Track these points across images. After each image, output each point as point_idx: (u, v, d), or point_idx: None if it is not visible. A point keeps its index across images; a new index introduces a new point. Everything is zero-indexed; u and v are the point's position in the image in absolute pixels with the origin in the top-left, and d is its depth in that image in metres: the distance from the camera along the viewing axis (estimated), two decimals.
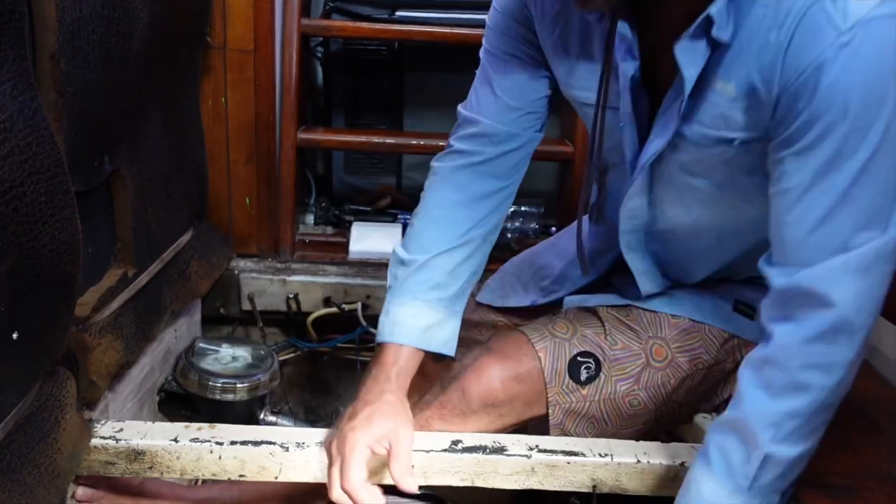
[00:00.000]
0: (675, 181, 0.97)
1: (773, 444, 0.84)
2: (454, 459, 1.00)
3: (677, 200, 1.00)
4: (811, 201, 0.80)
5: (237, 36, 1.51)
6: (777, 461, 0.84)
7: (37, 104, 0.76)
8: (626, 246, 1.07)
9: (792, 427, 0.84)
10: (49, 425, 0.90)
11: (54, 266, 0.82)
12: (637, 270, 1.10)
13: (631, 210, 1.03)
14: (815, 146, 0.79)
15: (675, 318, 1.10)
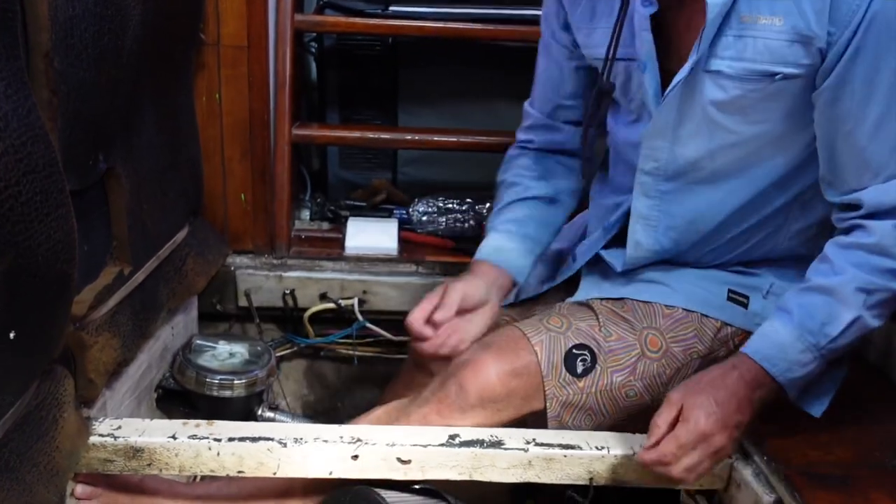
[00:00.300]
0: (706, 121, 1.01)
1: (864, 309, 0.94)
2: (452, 454, 1.01)
3: (704, 143, 1.03)
4: (880, 123, 0.91)
5: (231, 32, 1.50)
6: (860, 326, 0.95)
7: (31, 103, 0.76)
8: (639, 188, 1.11)
9: (881, 298, 0.94)
10: (47, 423, 0.91)
11: (50, 265, 0.82)
12: (638, 217, 1.11)
13: (651, 150, 1.07)
14: (855, 64, 0.90)
15: (669, 308, 1.11)
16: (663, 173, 1.08)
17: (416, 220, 1.76)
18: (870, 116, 0.93)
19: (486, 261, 1.20)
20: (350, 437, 1.01)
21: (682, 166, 1.07)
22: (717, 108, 0.99)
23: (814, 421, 1.07)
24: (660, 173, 1.09)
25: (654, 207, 1.11)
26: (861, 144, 0.94)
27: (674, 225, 1.11)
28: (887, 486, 0.93)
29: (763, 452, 0.99)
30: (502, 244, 1.22)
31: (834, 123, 0.96)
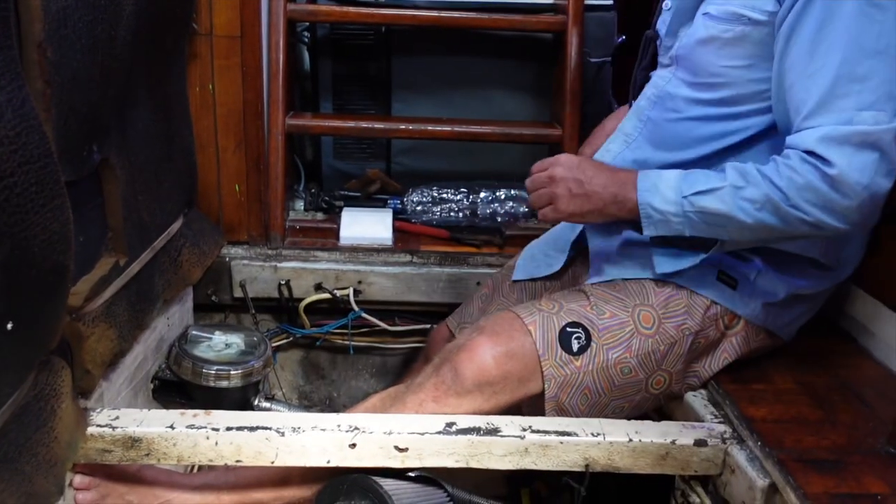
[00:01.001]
0: (693, 59, 1.11)
1: (732, 188, 1.00)
2: (448, 441, 1.01)
3: (690, 78, 1.14)
4: (813, 71, 0.96)
5: (223, 22, 1.50)
6: (722, 198, 1.01)
7: (24, 94, 0.76)
8: (634, 110, 1.23)
9: (752, 194, 0.99)
10: (45, 414, 0.91)
11: (47, 256, 0.82)
12: (621, 132, 1.24)
13: (658, 78, 1.20)
14: (800, 14, 0.97)
15: (660, 285, 1.12)
16: (656, 99, 1.19)
17: (410, 210, 1.76)
18: (810, 70, 0.97)
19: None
20: (347, 425, 1.02)
21: (669, 95, 1.17)
22: (697, 45, 1.10)
23: (807, 406, 1.08)
24: (654, 99, 1.20)
25: (637, 128, 1.22)
26: (798, 97, 0.99)
27: (643, 147, 1.20)
28: (879, 471, 0.94)
29: (757, 437, 1.00)
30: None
31: (781, 77, 1.02)
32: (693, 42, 1.10)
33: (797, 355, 1.23)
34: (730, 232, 1.05)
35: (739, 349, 1.15)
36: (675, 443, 1.02)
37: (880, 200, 0.97)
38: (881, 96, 0.94)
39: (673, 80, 1.17)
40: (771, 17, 1.02)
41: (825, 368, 1.20)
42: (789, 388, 1.14)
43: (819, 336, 1.31)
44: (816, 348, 1.26)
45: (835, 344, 1.29)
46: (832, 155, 0.95)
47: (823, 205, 0.97)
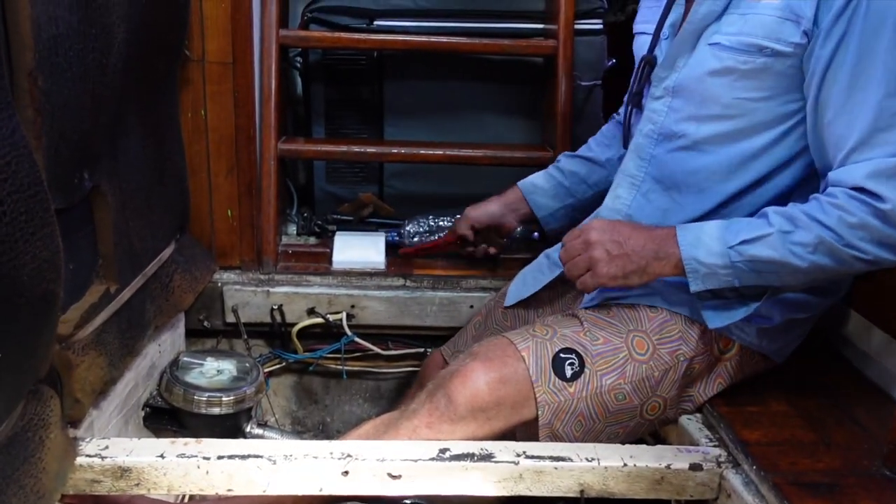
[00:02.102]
0: (699, 91, 1.09)
1: (781, 233, 0.98)
2: (442, 468, 1.00)
3: (694, 111, 1.11)
4: (854, 105, 0.96)
5: (216, 48, 1.50)
6: (772, 244, 0.99)
7: (15, 122, 0.76)
8: (633, 149, 1.20)
9: (802, 238, 0.97)
10: (34, 445, 0.90)
11: (36, 284, 0.81)
12: (625, 175, 1.20)
13: (652, 113, 1.16)
14: (834, 46, 0.96)
15: (653, 311, 1.11)
16: (657, 137, 1.16)
17: (408, 241, 1.76)
18: (850, 106, 0.96)
19: (520, 188, 1.46)
20: (340, 453, 1.01)
21: (672, 132, 1.14)
22: (709, 76, 1.07)
23: (802, 429, 1.08)
24: (654, 136, 1.16)
25: (642, 168, 1.19)
26: (838, 132, 0.98)
27: (654, 188, 1.17)
28: (875, 493, 0.93)
29: (752, 461, 0.99)
30: (539, 182, 1.46)
31: (818, 113, 1.01)
32: (702, 73, 1.07)
33: (791, 377, 1.23)
34: (782, 278, 1.02)
35: (734, 373, 1.15)
36: (671, 467, 1.02)
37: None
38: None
39: (671, 113, 1.14)
40: (797, 49, 1.00)
41: (819, 390, 1.20)
42: (783, 410, 1.14)
43: (813, 358, 1.31)
44: (810, 370, 1.26)
45: (828, 365, 1.29)
46: (883, 190, 0.93)
47: (879, 241, 0.95)
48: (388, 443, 1.05)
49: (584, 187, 1.44)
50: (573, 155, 1.47)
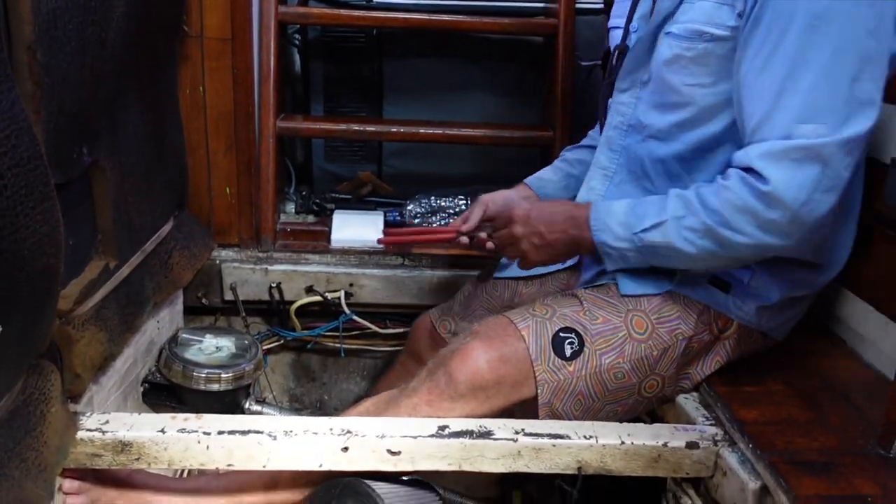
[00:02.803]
0: (659, 80, 1.11)
1: (673, 219, 1.02)
2: (441, 444, 1.01)
3: (657, 100, 1.13)
4: (760, 86, 0.96)
5: (214, 24, 1.49)
6: (664, 231, 1.03)
7: (14, 96, 0.75)
8: (604, 142, 1.22)
9: (691, 223, 1.01)
10: (35, 419, 0.90)
11: (36, 259, 0.81)
12: (598, 168, 1.23)
13: (620, 105, 1.19)
14: (754, 30, 0.97)
15: None
16: (626, 128, 1.18)
17: (408, 221, 1.76)
18: (757, 85, 0.97)
19: (527, 184, 1.40)
20: (340, 429, 1.01)
21: (640, 122, 1.16)
22: (664, 65, 1.09)
23: (798, 408, 1.09)
24: (623, 127, 1.19)
25: (613, 160, 1.21)
26: (747, 112, 0.99)
27: (627, 179, 1.19)
28: (870, 472, 0.94)
29: (748, 440, 1.00)
30: (546, 175, 1.41)
31: (735, 92, 1.02)
32: (660, 63, 1.09)
33: (788, 358, 1.23)
34: (681, 262, 1.06)
35: (731, 352, 1.16)
36: (667, 445, 1.02)
37: (823, 216, 0.95)
38: (821, 108, 0.93)
39: (639, 105, 1.15)
40: (733, 33, 1.01)
41: (816, 371, 1.20)
42: (780, 390, 1.14)
43: (810, 339, 1.31)
44: (807, 351, 1.27)
45: (825, 347, 1.30)
46: (769, 171, 0.94)
47: (759, 224, 0.96)
48: (387, 419, 1.05)
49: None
50: (575, 147, 1.46)
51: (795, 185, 0.93)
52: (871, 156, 1.25)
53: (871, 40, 0.92)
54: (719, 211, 0.98)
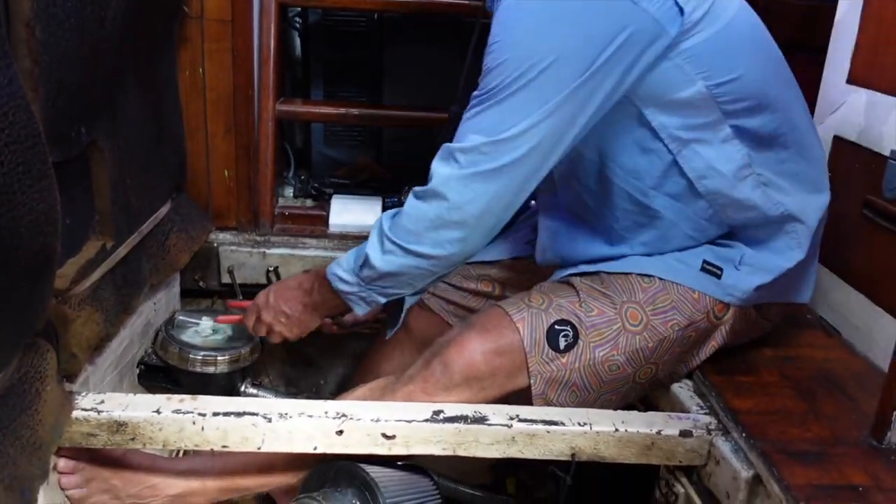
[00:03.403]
0: None
1: (372, 244, 1.07)
2: (436, 429, 1.01)
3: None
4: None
5: (215, 6, 1.48)
6: (370, 262, 1.07)
7: (12, 72, 0.75)
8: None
9: (383, 237, 1.06)
10: (30, 397, 0.90)
11: (33, 237, 0.81)
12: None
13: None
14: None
15: (647, 281, 1.12)
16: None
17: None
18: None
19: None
20: (335, 412, 1.02)
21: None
22: None
23: (792, 398, 1.09)
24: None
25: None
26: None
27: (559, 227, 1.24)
28: (862, 463, 0.95)
29: (742, 429, 1.01)
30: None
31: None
32: None
33: (782, 348, 1.24)
34: (416, 280, 1.10)
35: (726, 336, 1.15)
36: (661, 433, 1.03)
37: (459, 213, 1.00)
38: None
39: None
40: None
41: (810, 361, 1.21)
42: (774, 380, 1.15)
43: (804, 329, 1.32)
44: (801, 341, 1.27)
45: (819, 338, 1.30)
46: (432, 168, 1.01)
47: (411, 229, 1.04)
48: (382, 403, 1.05)
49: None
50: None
51: (441, 179, 1.01)
52: (868, 148, 1.26)
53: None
54: (382, 221, 1.07)
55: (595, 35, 0.94)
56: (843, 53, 1.33)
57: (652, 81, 1.00)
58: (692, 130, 1.04)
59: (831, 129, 1.36)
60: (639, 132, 1.05)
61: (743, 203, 1.09)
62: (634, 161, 1.08)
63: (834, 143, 1.35)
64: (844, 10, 1.35)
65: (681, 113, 1.03)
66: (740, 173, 1.07)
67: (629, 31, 0.93)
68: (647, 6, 0.94)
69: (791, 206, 1.11)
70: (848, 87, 1.32)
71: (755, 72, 1.04)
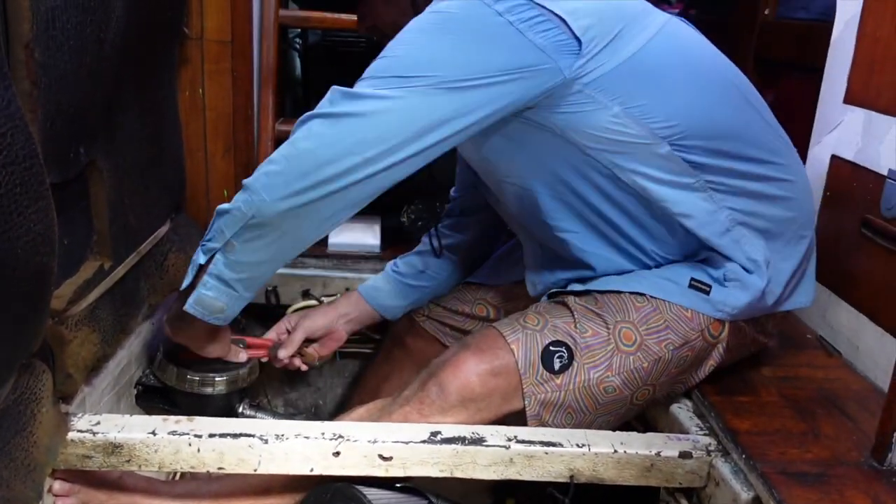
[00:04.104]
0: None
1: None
2: (433, 451, 1.01)
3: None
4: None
5: (215, 27, 1.49)
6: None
7: (11, 94, 0.75)
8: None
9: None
10: (25, 418, 0.90)
11: (30, 258, 0.81)
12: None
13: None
14: None
15: (640, 300, 1.11)
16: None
17: (408, 224, 1.76)
18: None
19: (359, 291, 1.46)
20: (332, 433, 1.01)
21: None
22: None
23: (792, 419, 1.09)
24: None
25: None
26: None
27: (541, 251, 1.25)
28: (863, 485, 0.94)
29: (741, 450, 1.00)
30: (380, 284, 1.46)
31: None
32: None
33: (782, 368, 1.23)
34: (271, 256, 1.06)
35: (723, 354, 1.15)
36: (661, 454, 1.02)
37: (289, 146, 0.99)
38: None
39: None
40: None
41: (809, 381, 1.20)
42: (774, 400, 1.14)
43: (804, 349, 1.31)
44: (801, 361, 1.27)
45: (819, 357, 1.30)
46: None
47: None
48: (379, 424, 1.05)
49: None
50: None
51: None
52: (866, 167, 1.26)
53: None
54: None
55: (476, 61, 0.95)
56: (840, 73, 1.34)
57: (565, 112, 1.01)
58: (630, 158, 1.05)
59: (829, 148, 1.36)
60: (576, 159, 1.07)
61: (694, 216, 1.10)
62: (583, 189, 1.10)
63: (832, 163, 1.35)
64: (841, 30, 1.35)
65: (614, 143, 1.04)
66: (689, 185, 1.08)
67: (515, 64, 0.95)
68: (538, 40, 0.95)
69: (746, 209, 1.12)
70: (845, 107, 1.32)
71: (683, 95, 1.05)
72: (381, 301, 1.45)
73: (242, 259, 1.03)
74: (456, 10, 0.97)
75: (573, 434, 1.04)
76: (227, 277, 1.04)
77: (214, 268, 1.04)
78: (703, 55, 1.12)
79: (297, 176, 0.96)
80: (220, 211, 1.02)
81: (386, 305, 1.45)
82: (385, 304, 1.45)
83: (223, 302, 1.07)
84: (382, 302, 1.45)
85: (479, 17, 0.95)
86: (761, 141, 1.12)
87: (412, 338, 1.46)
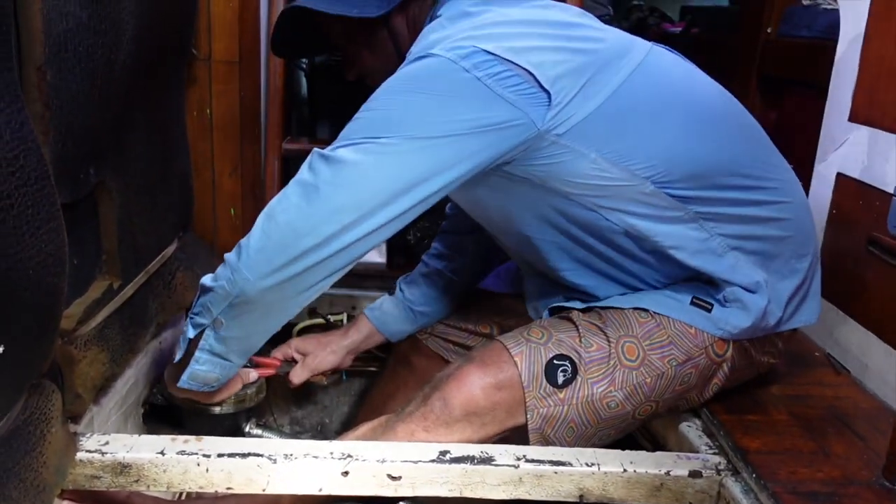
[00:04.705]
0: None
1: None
2: (442, 470, 1.00)
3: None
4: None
5: (223, 48, 1.51)
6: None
7: (23, 116, 0.76)
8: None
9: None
10: (35, 439, 0.90)
11: (41, 278, 0.82)
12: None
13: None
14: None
15: (643, 315, 1.11)
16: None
17: (414, 242, 1.76)
18: None
19: (368, 318, 1.44)
20: (340, 453, 1.01)
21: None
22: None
23: (802, 438, 1.08)
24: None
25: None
26: None
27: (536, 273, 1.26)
28: None
29: (752, 469, 0.99)
30: (389, 308, 1.45)
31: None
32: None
33: (791, 386, 1.23)
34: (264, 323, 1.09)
35: (728, 374, 1.14)
36: (670, 474, 1.02)
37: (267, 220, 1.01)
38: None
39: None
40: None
41: (819, 400, 1.20)
42: (783, 419, 1.14)
43: (812, 367, 1.31)
44: (810, 379, 1.26)
45: (828, 375, 1.29)
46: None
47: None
48: (388, 444, 1.05)
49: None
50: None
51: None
52: (872, 185, 1.26)
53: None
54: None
55: (447, 118, 0.96)
56: (845, 91, 1.34)
57: (543, 163, 1.01)
58: (613, 199, 1.05)
59: (834, 166, 1.36)
60: (561, 204, 1.07)
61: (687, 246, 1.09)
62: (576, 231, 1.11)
63: (837, 181, 1.36)
64: (845, 49, 1.36)
65: (596, 188, 1.04)
66: (678, 218, 1.07)
67: (486, 119, 0.95)
68: (508, 94, 0.95)
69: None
70: (850, 125, 1.33)
71: (662, 134, 1.04)
72: (389, 327, 1.45)
73: (232, 334, 1.05)
74: (424, 69, 0.98)
75: (582, 453, 1.04)
76: (218, 351, 1.07)
77: (206, 343, 1.06)
78: (685, 87, 1.10)
79: (277, 251, 0.98)
80: (205, 287, 1.04)
81: (394, 331, 1.45)
82: (393, 330, 1.45)
83: (217, 373, 1.10)
84: (391, 328, 1.45)
85: (447, 75, 0.96)
86: (750, 167, 1.10)
87: (416, 356, 1.46)
